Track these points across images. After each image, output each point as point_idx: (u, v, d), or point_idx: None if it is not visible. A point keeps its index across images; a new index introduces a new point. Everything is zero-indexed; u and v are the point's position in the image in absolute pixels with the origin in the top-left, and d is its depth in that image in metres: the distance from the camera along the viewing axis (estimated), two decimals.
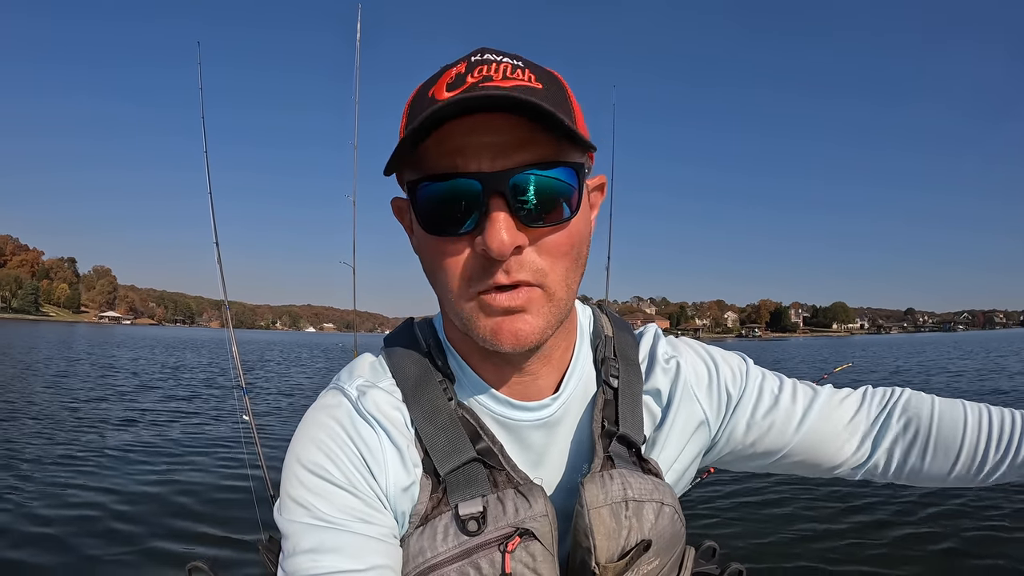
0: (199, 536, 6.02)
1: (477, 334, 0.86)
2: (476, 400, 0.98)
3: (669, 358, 1.10)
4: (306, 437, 0.91)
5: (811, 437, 1.08)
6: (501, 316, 0.84)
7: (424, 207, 0.83)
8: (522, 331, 0.84)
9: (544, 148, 0.81)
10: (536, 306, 0.85)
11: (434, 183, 0.81)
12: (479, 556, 0.84)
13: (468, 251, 0.83)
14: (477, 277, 0.83)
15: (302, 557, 0.83)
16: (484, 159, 0.79)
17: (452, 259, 0.84)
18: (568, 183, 0.83)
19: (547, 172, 0.81)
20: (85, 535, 5.95)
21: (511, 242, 0.78)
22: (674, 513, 0.96)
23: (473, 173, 0.79)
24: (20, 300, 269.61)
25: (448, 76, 0.83)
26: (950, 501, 7.02)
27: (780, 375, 1.17)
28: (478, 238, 0.80)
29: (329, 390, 0.99)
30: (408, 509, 0.91)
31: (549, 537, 0.88)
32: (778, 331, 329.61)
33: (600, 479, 0.90)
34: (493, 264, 0.81)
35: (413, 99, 0.88)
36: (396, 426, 0.93)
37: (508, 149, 0.79)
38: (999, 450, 1.01)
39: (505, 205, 0.79)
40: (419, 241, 0.91)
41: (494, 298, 0.83)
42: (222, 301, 4.92)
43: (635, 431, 1.00)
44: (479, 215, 0.80)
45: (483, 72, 0.81)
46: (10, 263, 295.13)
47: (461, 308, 0.86)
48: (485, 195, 0.79)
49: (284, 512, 0.88)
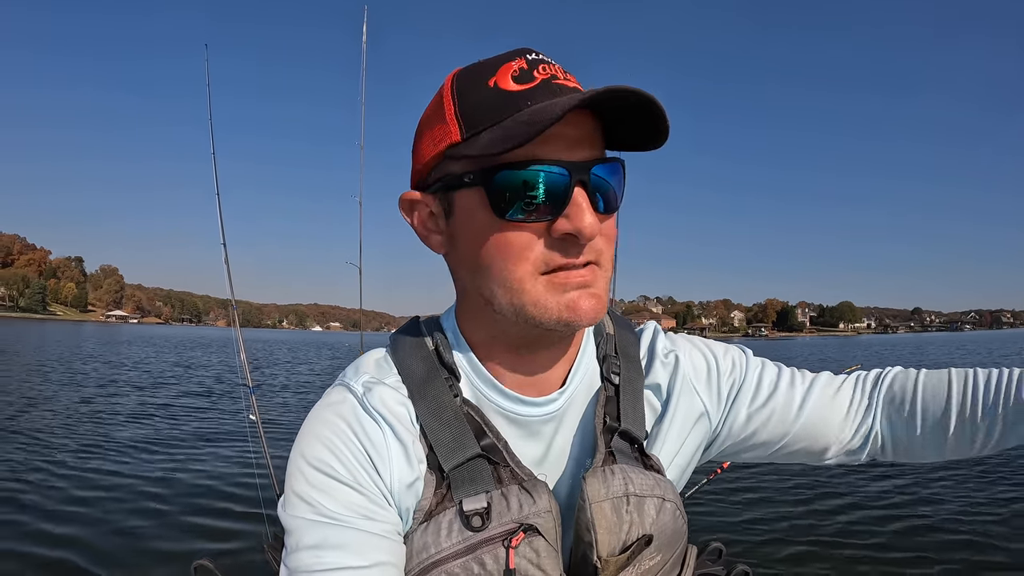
0: (205, 534, 6.05)
1: (550, 315, 0.87)
2: (483, 396, 0.98)
3: (668, 352, 1.11)
4: (311, 433, 0.92)
5: (811, 423, 1.09)
6: (577, 291, 0.87)
7: (503, 193, 0.84)
8: (595, 306, 0.88)
9: (602, 146, 0.90)
10: (600, 282, 0.90)
11: (516, 170, 0.83)
12: (483, 552, 0.85)
13: (545, 236, 0.86)
14: (554, 258, 0.86)
15: (305, 553, 0.84)
16: (561, 149, 0.83)
17: (527, 243, 0.86)
18: (620, 178, 0.91)
19: (610, 166, 0.89)
20: (90, 532, 5.97)
21: (598, 226, 0.85)
22: (676, 509, 0.97)
23: (559, 161, 0.83)
24: (27, 299, 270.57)
25: (509, 69, 0.87)
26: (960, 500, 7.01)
27: (779, 364, 1.18)
28: (560, 221, 0.84)
29: (335, 387, 0.99)
30: (412, 505, 0.91)
31: (553, 532, 0.88)
32: (784, 330, 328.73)
33: (602, 474, 0.91)
34: (573, 247, 0.86)
35: (460, 86, 0.89)
36: (401, 422, 0.93)
37: (579, 143, 0.85)
38: (987, 409, 0.99)
39: (587, 192, 0.84)
40: (475, 230, 0.89)
41: (569, 276, 0.87)
42: (229, 300, 4.93)
43: (637, 427, 1.01)
44: (564, 202, 0.84)
45: (547, 70, 0.87)
46: (17, 262, 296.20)
47: (527, 291, 0.87)
48: (571, 182, 0.83)
49: (288, 508, 0.88)
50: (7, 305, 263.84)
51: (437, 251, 0.98)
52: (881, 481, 7.91)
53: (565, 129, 0.83)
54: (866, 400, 1.11)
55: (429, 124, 0.92)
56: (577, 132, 0.84)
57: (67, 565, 5.24)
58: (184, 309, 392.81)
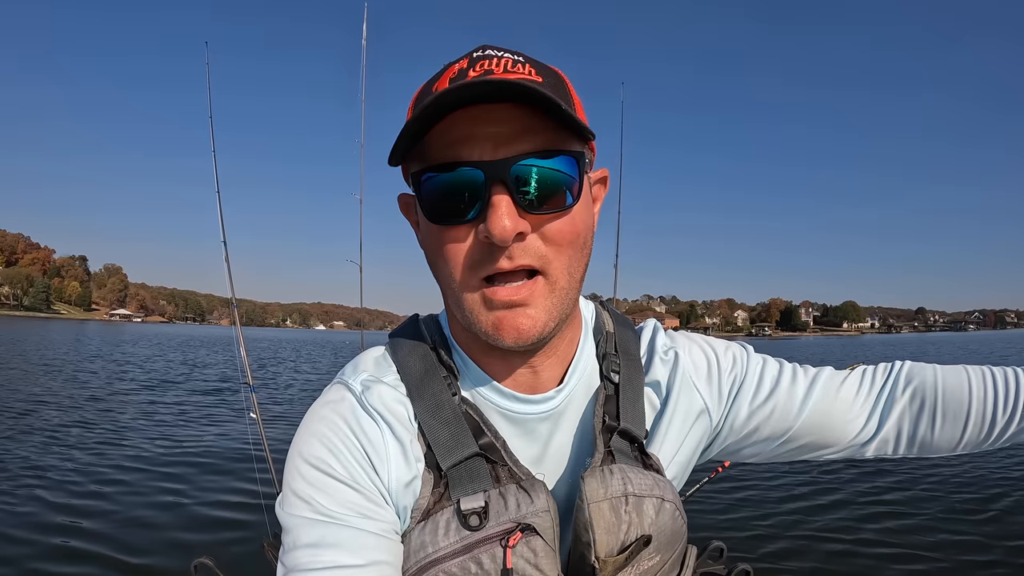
0: (205, 532, 6.06)
1: (479, 328, 0.88)
2: (480, 395, 0.98)
3: (668, 349, 1.10)
4: (309, 432, 0.92)
5: (815, 418, 1.08)
6: (503, 310, 0.85)
7: (428, 197, 0.85)
8: (523, 326, 0.86)
9: (544, 137, 0.83)
10: (538, 299, 0.86)
11: (438, 173, 0.83)
12: (480, 551, 0.84)
13: (471, 239, 0.84)
14: (480, 264, 0.84)
15: (302, 551, 0.83)
16: (486, 148, 0.81)
17: (455, 248, 0.86)
18: (568, 172, 0.85)
19: (548, 161, 0.83)
20: (91, 531, 5.98)
21: (513, 228, 0.80)
22: (675, 509, 0.96)
23: (475, 162, 0.81)
24: (32, 298, 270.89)
25: (451, 72, 0.86)
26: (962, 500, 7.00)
27: (780, 360, 1.17)
28: (481, 225, 0.82)
29: (333, 385, 0.99)
30: (410, 504, 0.91)
31: (551, 532, 0.88)
32: (788, 330, 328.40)
33: (600, 473, 0.91)
34: (496, 251, 0.83)
35: (418, 95, 0.90)
36: (399, 420, 0.93)
37: (509, 138, 0.81)
38: (1007, 409, 1.02)
39: (507, 193, 0.81)
40: (424, 232, 0.92)
41: (495, 292, 0.84)
42: (231, 299, 4.93)
43: (636, 426, 1.00)
44: (482, 203, 0.82)
45: (484, 66, 0.84)
46: (22, 261, 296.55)
47: (463, 300, 0.87)
48: (487, 183, 0.81)
49: (285, 506, 0.88)
50: (11, 304, 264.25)
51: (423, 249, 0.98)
52: (883, 478, 7.90)
53: (488, 127, 0.81)
54: (874, 395, 1.10)
55: None
56: (503, 128, 0.81)
57: (69, 563, 5.24)
58: (187, 308, 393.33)
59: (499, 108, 0.80)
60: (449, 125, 0.81)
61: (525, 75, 0.84)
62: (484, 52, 0.87)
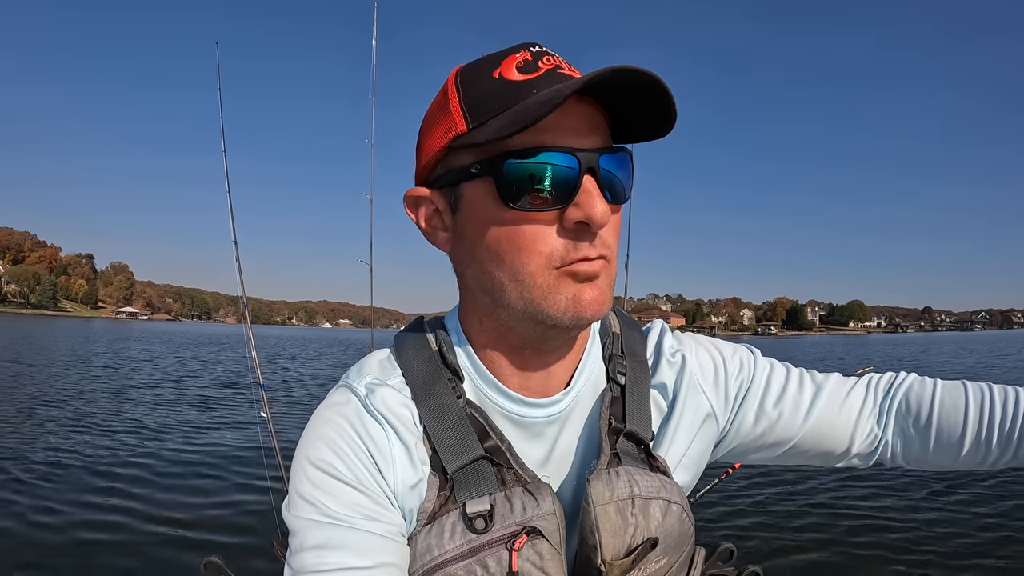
0: (214, 532, 6.07)
1: (557, 307, 0.86)
2: (486, 397, 0.98)
3: (675, 352, 1.10)
4: (315, 434, 0.92)
5: (820, 425, 1.08)
6: (584, 284, 0.86)
7: (512, 182, 0.83)
8: (599, 299, 0.87)
9: (607, 134, 0.87)
10: (606, 276, 0.88)
11: (524, 159, 0.82)
12: (486, 554, 0.85)
13: (557, 225, 0.84)
14: (566, 249, 0.85)
15: (308, 553, 0.84)
16: (568, 137, 0.82)
17: (538, 233, 0.85)
18: (628, 170, 0.90)
19: (615, 157, 0.87)
20: (100, 529, 6.00)
21: (608, 212, 0.83)
22: (682, 512, 0.96)
23: (568, 148, 0.82)
24: (38, 296, 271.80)
25: (514, 60, 0.86)
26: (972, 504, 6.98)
27: (787, 364, 1.17)
28: (571, 210, 0.83)
29: (338, 388, 0.99)
30: (416, 507, 0.91)
31: (557, 535, 0.88)
32: (794, 329, 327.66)
33: (606, 476, 0.91)
34: (586, 236, 0.84)
35: (465, 79, 0.89)
36: (404, 424, 0.93)
37: (585, 132, 0.84)
38: (1003, 431, 1.00)
39: (597, 180, 0.83)
40: (484, 222, 0.88)
41: (579, 266, 0.85)
42: (238, 297, 4.93)
43: (642, 428, 1.00)
44: (572, 189, 0.82)
45: (551, 61, 0.87)
46: (28, 259, 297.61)
47: (538, 283, 0.86)
48: (581, 170, 0.82)
49: (292, 509, 0.88)
50: (18, 302, 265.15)
51: (443, 248, 0.97)
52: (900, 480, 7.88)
53: (570, 119, 0.82)
54: (877, 406, 1.10)
55: (434, 119, 0.92)
56: (582, 122, 0.83)
57: (78, 559, 5.26)
58: (193, 306, 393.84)
59: (575, 102, 0.82)
60: None
61: (579, 74, 0.86)
62: (541, 48, 0.88)
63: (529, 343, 0.94)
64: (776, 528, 6.38)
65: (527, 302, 0.88)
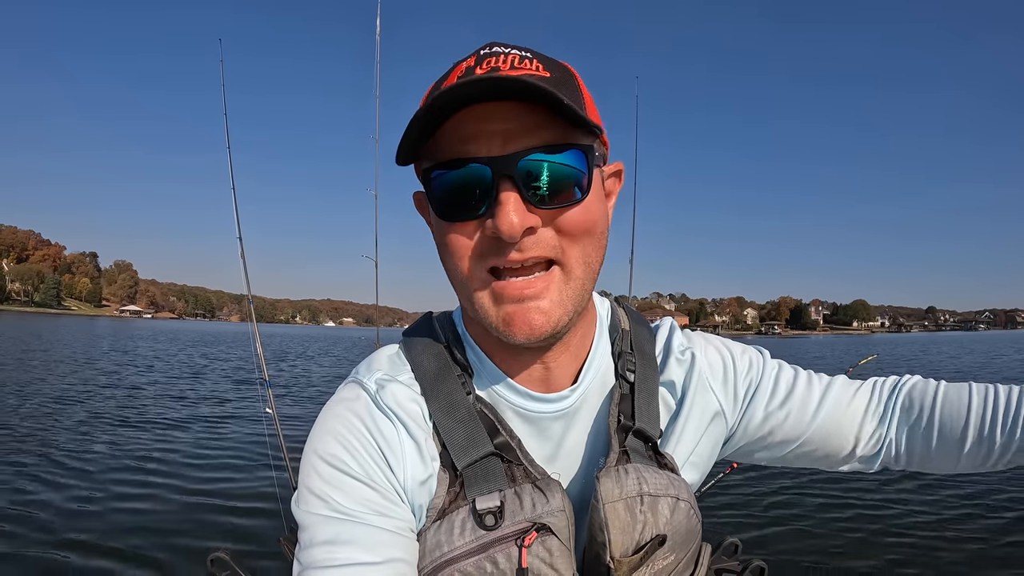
0: (221, 527, 6.07)
1: (490, 324, 0.88)
2: (495, 392, 0.98)
3: (684, 350, 1.10)
4: (324, 430, 0.92)
5: (826, 427, 1.08)
6: (514, 305, 0.85)
7: (437, 194, 0.86)
8: (535, 322, 0.85)
9: (552, 132, 0.83)
10: (553, 291, 0.86)
11: (446, 170, 0.83)
12: (496, 550, 0.85)
13: (479, 235, 0.85)
14: (487, 256, 0.85)
15: (318, 548, 0.84)
16: (494, 145, 0.81)
17: (464, 243, 0.86)
18: (577, 165, 0.85)
19: (556, 155, 0.83)
20: (107, 523, 6.01)
21: (521, 224, 0.80)
22: (690, 508, 0.96)
23: (483, 158, 0.81)
24: (42, 294, 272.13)
25: (459, 70, 0.86)
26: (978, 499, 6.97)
27: (796, 366, 1.17)
28: (489, 221, 0.82)
29: (348, 383, 0.99)
30: (426, 503, 0.91)
31: (566, 532, 0.88)
32: (798, 328, 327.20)
33: (615, 473, 0.91)
34: (504, 245, 0.83)
35: (429, 92, 0.90)
36: (414, 419, 0.93)
37: (517, 135, 0.81)
38: (1005, 428, 0.98)
39: (514, 188, 0.81)
40: (434, 229, 0.92)
41: (505, 286, 0.84)
42: (242, 295, 4.93)
43: (651, 425, 1.00)
44: (490, 199, 0.82)
45: (491, 63, 0.84)
46: (32, 258, 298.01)
47: (473, 296, 0.88)
48: (495, 179, 0.81)
49: (302, 504, 0.88)
50: (22, 300, 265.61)
51: None
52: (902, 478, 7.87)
53: (494, 124, 0.81)
54: (882, 407, 1.10)
55: None
56: (510, 125, 0.81)
57: (85, 555, 5.27)
58: (197, 304, 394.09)
59: (506, 105, 0.80)
60: (458, 123, 0.81)
61: (532, 71, 0.84)
62: (491, 49, 0.87)
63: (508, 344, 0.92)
64: (780, 521, 6.38)
65: (472, 309, 0.90)
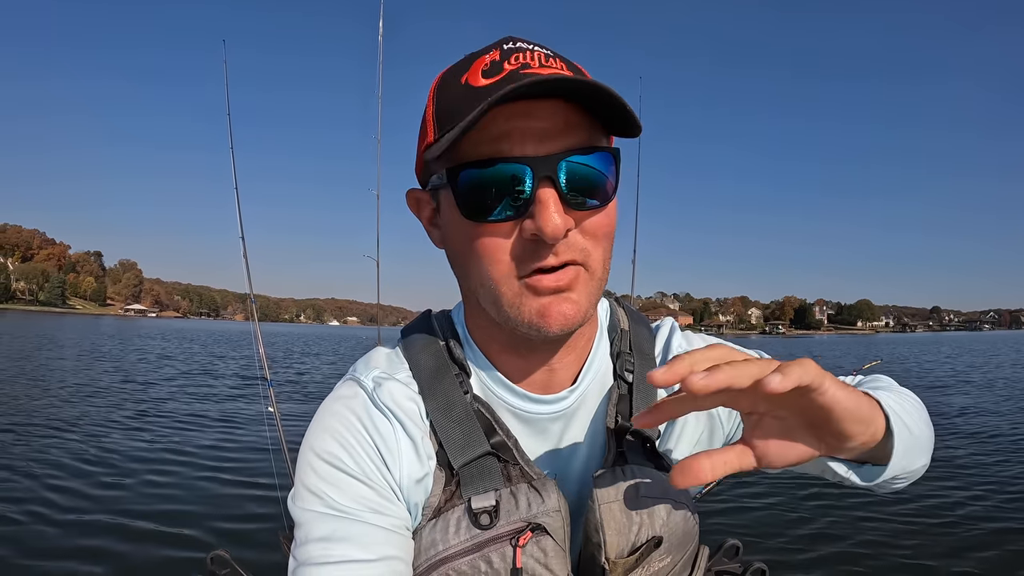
0: (221, 526, 6.07)
1: (522, 319, 0.86)
2: (493, 393, 0.98)
3: (683, 351, 1.08)
4: (321, 427, 0.92)
5: None
6: (549, 297, 0.84)
7: (467, 193, 0.83)
8: (568, 312, 0.85)
9: (583, 134, 0.83)
10: (581, 285, 0.86)
11: (479, 169, 0.81)
12: (490, 550, 0.85)
13: (515, 236, 0.83)
14: (525, 260, 0.83)
15: (313, 545, 0.84)
16: (529, 144, 0.80)
17: (497, 244, 0.84)
18: (606, 168, 0.85)
19: (589, 157, 0.83)
20: (105, 521, 6.02)
21: (563, 225, 0.80)
22: (687, 511, 0.96)
23: (521, 158, 0.80)
24: (47, 293, 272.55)
25: (482, 63, 0.84)
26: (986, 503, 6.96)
27: None
28: (527, 222, 0.81)
29: (345, 381, 0.99)
30: (421, 501, 0.92)
31: (561, 532, 0.88)
32: (802, 328, 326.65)
33: (612, 474, 0.91)
34: (543, 247, 0.82)
35: (440, 86, 0.89)
36: (411, 418, 0.93)
37: (552, 135, 0.81)
38: None
39: (554, 189, 0.80)
40: (453, 229, 0.90)
41: (540, 280, 0.83)
42: (247, 294, 4.94)
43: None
44: (527, 200, 0.81)
45: (520, 60, 0.83)
46: (37, 257, 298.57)
47: (503, 293, 0.86)
48: (535, 179, 0.80)
49: (297, 501, 0.89)
50: (27, 299, 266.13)
51: (438, 246, 0.98)
52: None
53: (531, 122, 0.80)
54: None
55: (421, 125, 0.92)
56: (546, 124, 0.81)
57: (84, 554, 5.28)
58: (202, 303, 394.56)
59: (541, 103, 0.80)
60: (489, 120, 0.79)
61: (559, 70, 0.83)
62: (515, 44, 0.86)
63: (521, 342, 0.93)
64: (782, 523, 6.37)
65: (497, 309, 0.88)
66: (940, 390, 17.14)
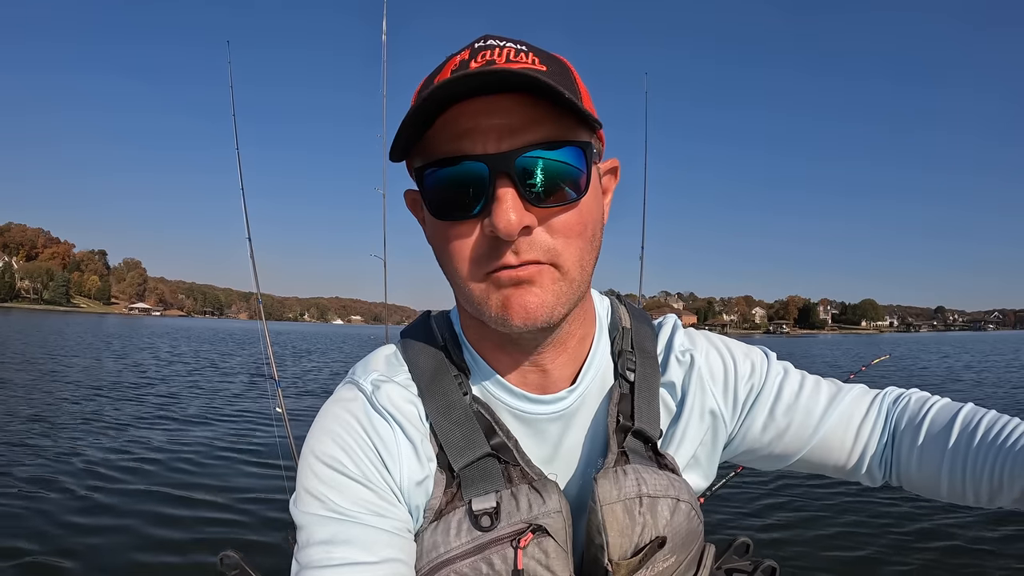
0: (231, 526, 6.07)
1: (488, 313, 0.86)
2: (491, 394, 0.97)
3: (685, 351, 1.08)
4: (321, 430, 0.92)
5: (828, 441, 1.06)
6: (510, 289, 0.83)
7: (432, 192, 0.84)
8: (531, 304, 0.83)
9: (550, 128, 0.81)
10: (546, 280, 0.84)
11: (441, 168, 0.82)
12: (492, 552, 0.85)
13: (477, 234, 0.83)
14: (487, 259, 0.83)
15: (315, 548, 0.84)
16: (490, 141, 0.79)
17: (461, 243, 0.84)
18: (575, 163, 0.83)
19: (554, 152, 0.81)
20: (115, 521, 6.02)
21: (518, 222, 0.78)
22: (690, 510, 0.95)
23: (479, 155, 0.79)
24: (51, 292, 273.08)
25: (452, 63, 0.84)
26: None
27: (803, 372, 1.13)
28: (486, 220, 0.80)
29: (345, 384, 0.99)
30: (422, 503, 0.91)
31: (563, 533, 0.87)
32: (806, 328, 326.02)
33: (614, 475, 0.90)
34: (503, 245, 0.81)
35: (420, 89, 0.88)
36: (411, 420, 0.93)
37: (514, 130, 0.79)
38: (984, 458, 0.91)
39: (512, 186, 0.79)
40: (429, 228, 0.91)
41: (502, 273, 0.82)
42: (251, 293, 4.95)
43: (651, 426, 0.99)
44: (487, 197, 0.80)
45: (486, 57, 0.82)
46: (42, 255, 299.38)
47: (471, 290, 0.86)
48: (492, 176, 0.79)
49: (299, 504, 0.89)
50: (32, 298, 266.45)
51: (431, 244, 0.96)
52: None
53: (492, 119, 0.79)
54: (882, 422, 1.07)
55: None
56: (507, 120, 0.79)
57: (95, 554, 5.29)
58: (206, 302, 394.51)
59: (503, 99, 0.78)
60: (452, 118, 0.79)
61: (528, 64, 0.82)
62: (486, 42, 0.85)
63: (506, 340, 0.93)
64: (792, 521, 6.35)
65: (471, 306, 0.88)
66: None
